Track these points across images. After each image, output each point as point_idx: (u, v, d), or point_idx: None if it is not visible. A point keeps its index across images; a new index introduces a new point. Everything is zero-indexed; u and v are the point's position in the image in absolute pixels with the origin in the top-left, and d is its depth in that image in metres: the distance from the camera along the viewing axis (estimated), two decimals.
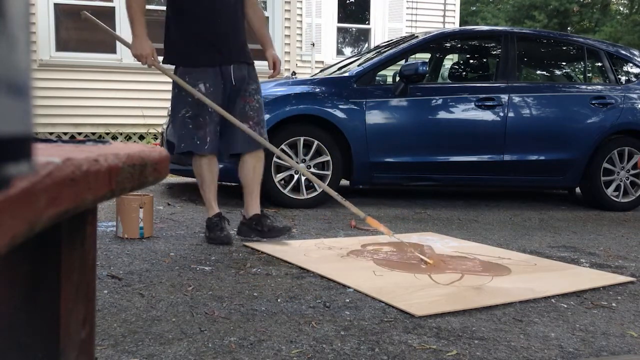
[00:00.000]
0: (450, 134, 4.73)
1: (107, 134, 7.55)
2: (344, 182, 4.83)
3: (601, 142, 5.01)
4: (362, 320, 1.98)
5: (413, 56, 5.14)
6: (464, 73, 6.13)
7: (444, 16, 10.16)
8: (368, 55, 5.23)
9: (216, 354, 1.64)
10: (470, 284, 2.46)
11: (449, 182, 4.94)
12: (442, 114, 4.77)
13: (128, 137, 7.70)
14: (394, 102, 4.60)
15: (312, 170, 4.39)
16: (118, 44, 7.49)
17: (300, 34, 9.24)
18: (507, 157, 4.80)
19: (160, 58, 3.10)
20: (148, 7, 8.75)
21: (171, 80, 3.06)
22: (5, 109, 0.33)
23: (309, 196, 4.40)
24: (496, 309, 2.14)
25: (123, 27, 7.47)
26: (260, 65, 3.29)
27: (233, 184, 5.01)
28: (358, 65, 4.89)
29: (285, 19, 8.30)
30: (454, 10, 10.32)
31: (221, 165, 3.49)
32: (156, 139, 7.55)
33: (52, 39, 7.27)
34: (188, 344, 1.71)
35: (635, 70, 5.45)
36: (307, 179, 4.41)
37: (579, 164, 4.96)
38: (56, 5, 7.25)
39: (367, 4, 10.24)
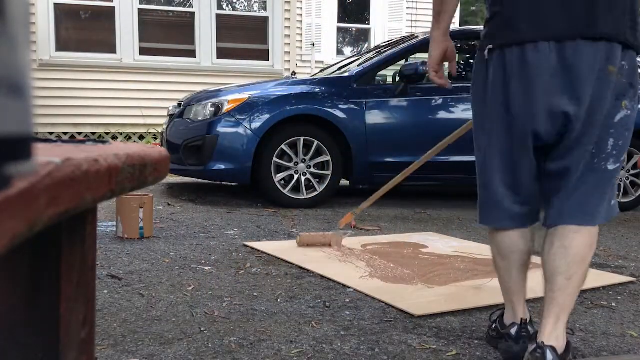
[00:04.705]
0: (450, 134, 4.72)
1: (107, 134, 7.55)
2: (344, 182, 4.83)
3: None
4: (362, 320, 1.98)
5: (413, 56, 5.14)
6: (464, 73, 6.13)
7: None
8: (368, 55, 5.23)
9: (216, 354, 1.64)
10: (469, 284, 2.46)
11: (449, 182, 4.94)
12: (442, 114, 4.77)
13: (128, 137, 7.70)
14: (394, 102, 4.60)
15: (312, 170, 4.40)
16: (118, 43, 7.50)
17: (300, 34, 9.24)
18: None
19: None
20: (148, 7, 8.63)
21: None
22: (5, 109, 0.33)
23: (309, 196, 4.40)
24: (496, 309, 2.14)
25: (123, 27, 7.48)
26: (260, 65, 3.27)
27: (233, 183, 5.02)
28: (358, 65, 4.89)
29: (285, 19, 8.30)
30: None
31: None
32: (156, 139, 7.55)
33: (52, 39, 7.27)
34: (188, 344, 1.71)
35: None
36: (307, 179, 4.41)
37: None
38: (56, 5, 7.25)
39: (367, 4, 10.24)
